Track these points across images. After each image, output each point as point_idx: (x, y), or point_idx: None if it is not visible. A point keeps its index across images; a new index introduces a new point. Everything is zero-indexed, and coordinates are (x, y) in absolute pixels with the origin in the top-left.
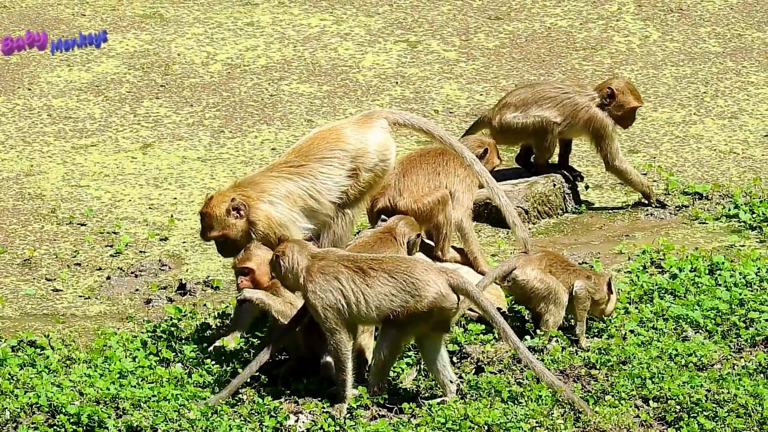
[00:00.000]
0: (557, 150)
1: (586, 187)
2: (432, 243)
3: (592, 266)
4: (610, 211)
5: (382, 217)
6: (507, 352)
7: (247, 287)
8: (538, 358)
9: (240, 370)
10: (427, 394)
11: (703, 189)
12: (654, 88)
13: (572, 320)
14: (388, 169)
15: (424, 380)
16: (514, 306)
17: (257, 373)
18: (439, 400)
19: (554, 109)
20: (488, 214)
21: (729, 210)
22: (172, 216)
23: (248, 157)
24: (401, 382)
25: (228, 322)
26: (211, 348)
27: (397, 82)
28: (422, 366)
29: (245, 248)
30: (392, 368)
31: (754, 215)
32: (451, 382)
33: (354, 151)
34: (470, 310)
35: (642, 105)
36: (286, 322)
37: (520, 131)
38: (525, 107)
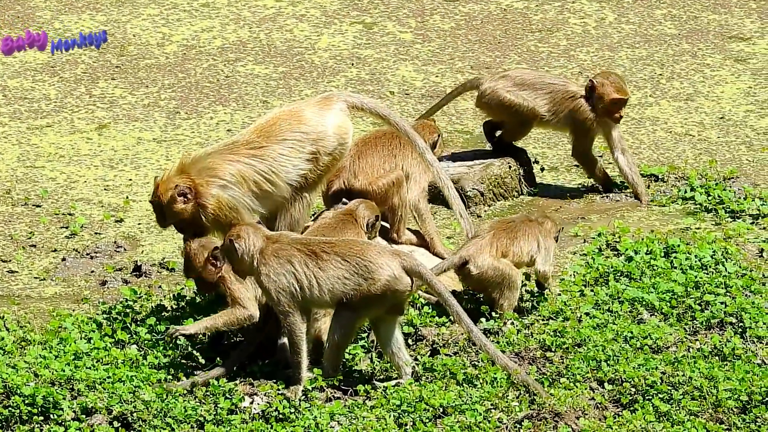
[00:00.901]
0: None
1: (542, 169)
2: (389, 226)
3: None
4: (565, 194)
5: (343, 200)
6: (462, 334)
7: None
8: (492, 341)
9: (195, 353)
10: (382, 376)
11: (658, 171)
12: (609, 69)
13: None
14: (345, 152)
15: (379, 362)
16: (470, 288)
17: (212, 355)
18: (394, 382)
19: (545, 98)
20: (442, 195)
21: (685, 192)
22: (127, 197)
23: (204, 138)
24: (356, 365)
25: (183, 304)
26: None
27: (352, 64)
28: (378, 348)
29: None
30: (347, 351)
31: (709, 198)
32: (406, 364)
33: (315, 134)
34: (427, 292)
35: (626, 97)
36: (237, 321)
37: (504, 108)
38: (521, 87)
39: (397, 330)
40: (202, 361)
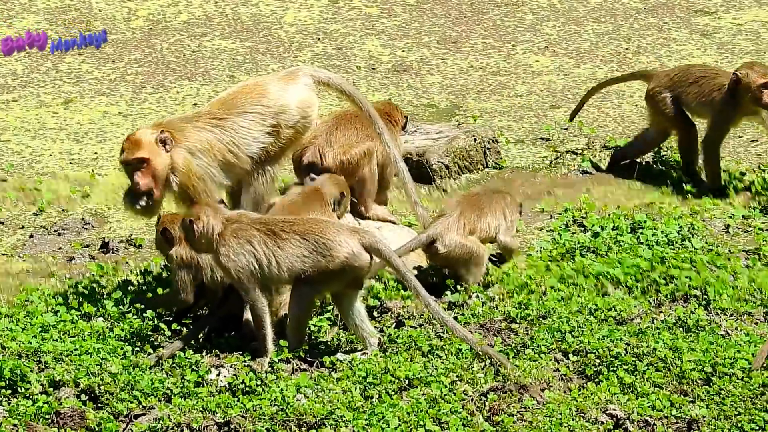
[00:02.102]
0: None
1: (505, 142)
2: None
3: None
4: (531, 168)
5: (311, 175)
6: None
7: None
8: (458, 314)
9: (161, 325)
10: (347, 348)
11: (624, 143)
12: (576, 45)
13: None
14: (309, 126)
15: (345, 334)
16: (436, 265)
17: (179, 328)
18: (359, 354)
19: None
20: (409, 168)
21: (650, 166)
22: (92, 171)
23: (170, 112)
24: (322, 337)
25: (149, 278)
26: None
27: (318, 38)
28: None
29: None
30: (313, 323)
31: (676, 172)
32: (371, 335)
33: (276, 107)
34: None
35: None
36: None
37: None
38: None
39: (359, 303)
40: (168, 333)
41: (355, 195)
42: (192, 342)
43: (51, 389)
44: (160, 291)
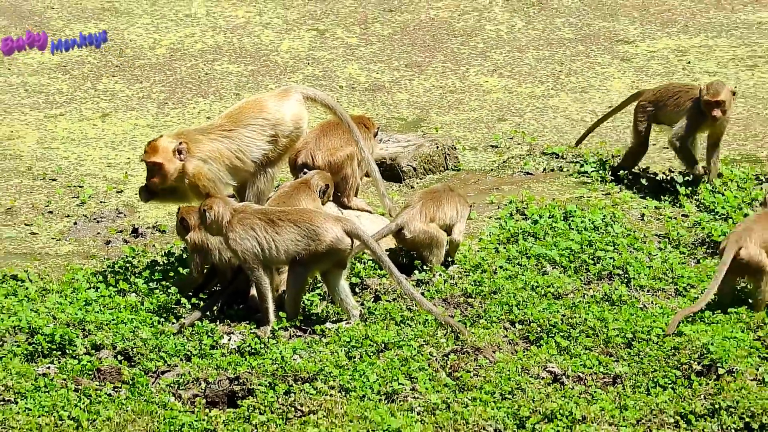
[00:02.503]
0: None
1: (463, 149)
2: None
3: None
4: (483, 170)
5: (304, 170)
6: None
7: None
8: (424, 289)
9: (183, 300)
10: (335, 318)
11: (559, 150)
12: (518, 68)
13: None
14: (301, 134)
15: (332, 307)
16: (404, 249)
17: (197, 302)
18: (344, 323)
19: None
20: (383, 171)
21: (580, 167)
22: (126, 173)
23: (188, 124)
24: (314, 309)
25: (172, 259)
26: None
27: (308, 63)
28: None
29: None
30: (306, 298)
31: (600, 172)
32: (354, 308)
33: (274, 120)
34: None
35: (713, 99)
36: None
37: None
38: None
39: (343, 280)
40: (188, 306)
41: (339, 190)
42: (207, 313)
43: (93, 351)
44: (180, 270)
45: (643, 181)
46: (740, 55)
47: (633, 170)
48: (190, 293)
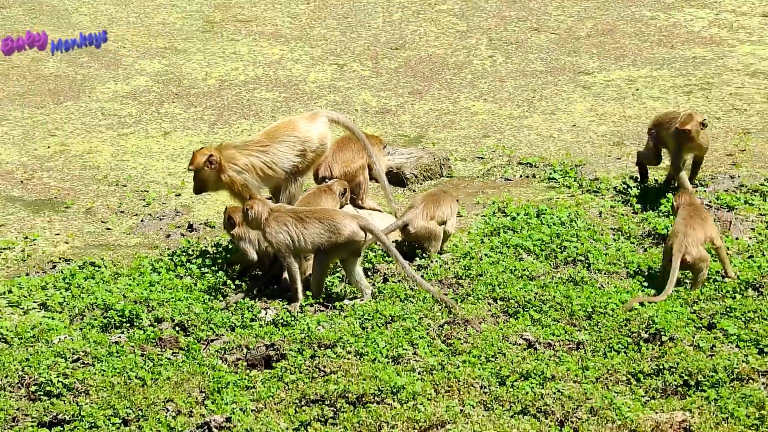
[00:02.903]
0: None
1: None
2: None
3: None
4: (471, 176)
5: (325, 180)
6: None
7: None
8: (423, 273)
9: (229, 282)
10: (351, 296)
11: (532, 160)
12: (499, 94)
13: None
14: (325, 150)
15: (348, 288)
16: (408, 241)
17: (240, 284)
18: (359, 300)
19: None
20: (390, 178)
21: (549, 174)
22: (183, 180)
23: (233, 140)
24: (334, 289)
25: (220, 249)
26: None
27: (330, 91)
28: (347, 279)
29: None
30: (327, 281)
31: (566, 178)
32: (366, 288)
33: (303, 138)
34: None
35: (681, 128)
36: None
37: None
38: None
39: (358, 266)
40: (233, 287)
41: (354, 193)
42: (249, 293)
43: (156, 323)
44: (227, 256)
45: (601, 185)
46: (678, 84)
47: (646, 181)
48: (234, 276)
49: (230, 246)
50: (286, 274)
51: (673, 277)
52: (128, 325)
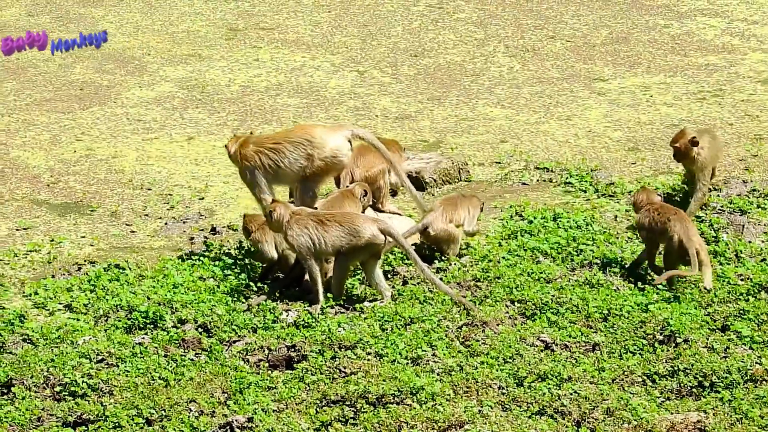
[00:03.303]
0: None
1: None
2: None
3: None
4: (489, 181)
5: (347, 183)
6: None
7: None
8: (442, 275)
9: (251, 284)
10: (371, 298)
11: (549, 165)
12: (517, 101)
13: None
14: (338, 164)
15: (368, 290)
16: (427, 243)
17: (261, 285)
18: (378, 302)
19: None
20: (410, 181)
21: (566, 179)
22: (206, 184)
23: None
24: (354, 291)
25: (242, 253)
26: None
27: (351, 97)
28: (367, 281)
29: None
30: (348, 283)
31: (582, 182)
32: (386, 290)
33: (315, 143)
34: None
35: (674, 145)
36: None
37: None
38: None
39: (378, 268)
40: (255, 289)
41: (375, 197)
42: (270, 295)
43: (179, 325)
44: (249, 259)
45: (617, 190)
46: (692, 90)
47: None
48: (256, 278)
49: (252, 249)
50: (307, 276)
51: (695, 261)
52: (152, 326)
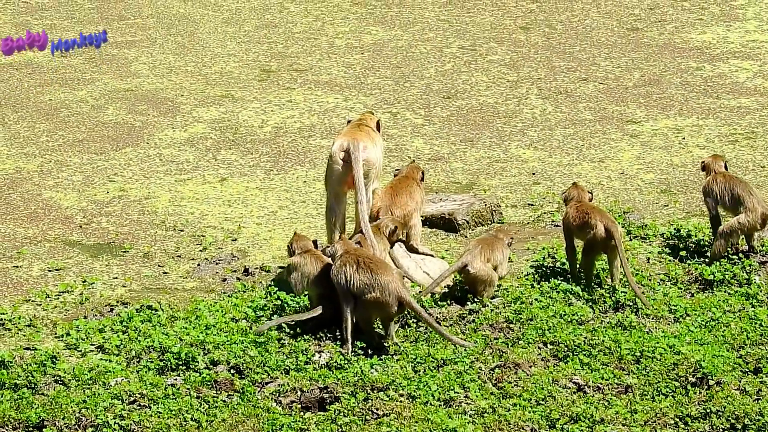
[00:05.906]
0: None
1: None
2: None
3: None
4: (521, 223)
5: (379, 217)
6: (456, 312)
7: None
8: (476, 317)
9: (283, 325)
10: (403, 339)
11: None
12: (549, 143)
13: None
14: (335, 170)
15: (401, 331)
16: (463, 284)
17: (292, 323)
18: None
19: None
20: (443, 224)
21: None
22: (239, 225)
23: (288, 187)
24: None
25: (276, 295)
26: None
27: (384, 139)
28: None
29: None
30: (377, 326)
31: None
32: (390, 338)
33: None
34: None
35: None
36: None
37: None
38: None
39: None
40: (288, 330)
41: (409, 237)
42: (282, 323)
43: (211, 366)
44: (282, 295)
45: (649, 232)
46: (724, 133)
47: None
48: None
49: (285, 290)
50: (342, 317)
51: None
52: (184, 367)
